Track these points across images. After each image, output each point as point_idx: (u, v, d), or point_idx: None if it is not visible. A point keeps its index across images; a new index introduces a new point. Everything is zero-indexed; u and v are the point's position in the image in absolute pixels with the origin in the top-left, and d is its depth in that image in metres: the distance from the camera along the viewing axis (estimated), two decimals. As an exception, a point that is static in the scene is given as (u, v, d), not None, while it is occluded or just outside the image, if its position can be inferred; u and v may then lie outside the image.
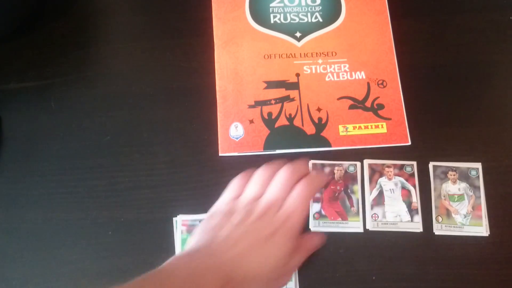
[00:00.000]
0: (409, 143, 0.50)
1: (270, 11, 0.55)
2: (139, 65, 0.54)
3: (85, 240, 0.47)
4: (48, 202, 0.49)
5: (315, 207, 0.48)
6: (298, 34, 0.54)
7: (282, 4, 0.56)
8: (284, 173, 0.45)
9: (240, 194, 0.45)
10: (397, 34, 0.55)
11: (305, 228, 0.46)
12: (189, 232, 0.47)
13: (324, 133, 0.50)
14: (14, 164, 0.50)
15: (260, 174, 0.45)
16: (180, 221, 0.47)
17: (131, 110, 0.52)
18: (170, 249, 0.47)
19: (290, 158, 0.49)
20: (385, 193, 0.48)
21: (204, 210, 0.47)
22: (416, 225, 0.47)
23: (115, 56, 0.55)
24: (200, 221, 0.47)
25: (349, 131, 0.50)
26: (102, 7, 0.57)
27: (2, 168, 0.50)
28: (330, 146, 0.50)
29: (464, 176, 0.48)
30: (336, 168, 0.49)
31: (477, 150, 0.50)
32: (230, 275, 0.38)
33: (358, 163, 0.49)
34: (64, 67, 0.54)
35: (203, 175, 0.49)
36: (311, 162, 0.49)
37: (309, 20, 0.55)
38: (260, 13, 0.55)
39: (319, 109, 0.51)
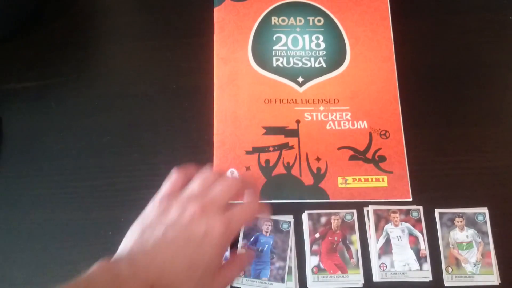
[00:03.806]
0: (411, 199, 0.48)
1: (273, 54, 0.54)
2: (139, 65, 0.54)
3: (85, 240, 0.47)
4: (48, 202, 0.49)
5: (313, 261, 0.46)
6: (300, 79, 0.53)
7: (285, 48, 0.54)
8: (234, 179, 0.41)
9: (179, 189, 0.40)
10: (400, 66, 0.54)
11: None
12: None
13: (322, 184, 0.48)
14: (14, 164, 0.50)
15: (205, 175, 0.41)
16: (180, 221, 0.47)
17: (131, 110, 0.52)
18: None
19: (287, 207, 0.48)
20: (392, 240, 0.46)
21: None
22: (425, 274, 0.45)
23: (115, 56, 0.55)
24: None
25: (348, 183, 0.48)
26: (102, 7, 0.58)
27: (2, 168, 0.50)
28: (328, 198, 0.48)
29: (471, 222, 0.47)
30: (333, 217, 0.47)
31: (482, 194, 0.48)
32: (156, 282, 0.35)
33: (355, 211, 0.48)
34: (64, 67, 0.54)
35: (203, 175, 0.49)
36: (306, 212, 0.47)
37: (312, 65, 0.53)
38: (262, 55, 0.53)
39: (318, 159, 0.49)
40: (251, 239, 0.46)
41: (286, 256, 0.46)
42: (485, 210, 0.48)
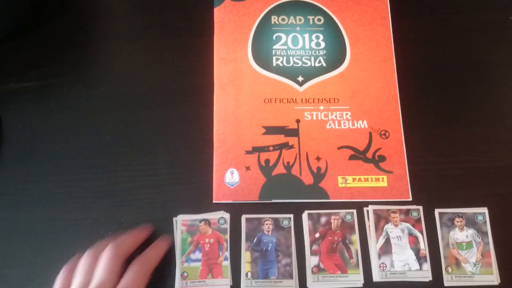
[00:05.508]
0: (410, 199, 0.48)
1: (273, 54, 0.53)
2: (139, 65, 0.54)
3: (85, 240, 0.47)
4: (48, 202, 0.49)
5: (313, 260, 0.46)
6: (300, 79, 0.52)
7: (285, 47, 0.54)
8: (108, 254, 0.41)
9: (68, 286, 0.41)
10: (400, 66, 0.53)
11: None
12: (189, 232, 0.47)
13: (322, 184, 0.48)
14: (14, 164, 0.50)
15: (83, 262, 0.41)
16: (180, 221, 0.47)
17: (131, 110, 0.52)
18: (170, 249, 0.47)
19: (287, 207, 0.48)
20: (392, 240, 0.47)
21: (204, 210, 0.48)
22: (425, 274, 0.45)
23: (115, 56, 0.55)
24: (200, 221, 0.47)
25: (348, 183, 0.49)
26: (102, 7, 0.58)
27: (2, 168, 0.50)
28: (328, 198, 0.48)
29: (471, 222, 0.47)
30: (333, 217, 0.47)
31: (482, 194, 0.48)
32: None
33: (355, 211, 0.48)
34: (64, 67, 0.54)
35: (203, 175, 0.49)
36: (306, 212, 0.48)
37: (312, 64, 0.53)
38: (262, 55, 0.53)
39: (318, 158, 0.49)
40: (254, 241, 0.46)
41: (291, 252, 0.46)
42: (485, 210, 0.48)
